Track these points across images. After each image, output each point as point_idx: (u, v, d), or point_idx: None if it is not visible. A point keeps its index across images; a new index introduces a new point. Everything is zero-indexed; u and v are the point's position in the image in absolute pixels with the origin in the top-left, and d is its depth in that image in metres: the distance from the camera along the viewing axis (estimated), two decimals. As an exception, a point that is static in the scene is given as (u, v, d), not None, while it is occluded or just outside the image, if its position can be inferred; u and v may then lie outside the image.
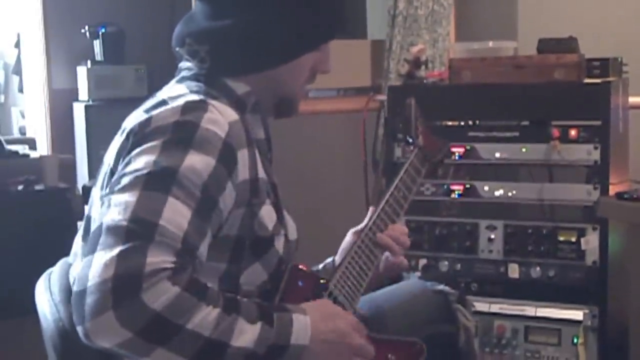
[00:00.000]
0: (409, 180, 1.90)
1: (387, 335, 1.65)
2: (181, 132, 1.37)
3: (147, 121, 1.41)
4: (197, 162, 1.35)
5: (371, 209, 1.82)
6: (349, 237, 1.81)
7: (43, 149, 3.55)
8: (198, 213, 1.33)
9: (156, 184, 1.31)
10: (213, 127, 1.39)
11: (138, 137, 1.40)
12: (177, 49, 1.57)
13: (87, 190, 3.15)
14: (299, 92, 1.61)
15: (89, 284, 1.22)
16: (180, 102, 1.43)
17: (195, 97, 1.45)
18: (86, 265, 1.25)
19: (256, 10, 1.50)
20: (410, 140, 2.00)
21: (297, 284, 1.52)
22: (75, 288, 1.25)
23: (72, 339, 1.48)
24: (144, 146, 1.36)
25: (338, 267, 1.65)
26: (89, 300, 1.22)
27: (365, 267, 1.69)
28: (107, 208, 1.31)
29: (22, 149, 3.46)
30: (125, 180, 1.33)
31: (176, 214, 1.29)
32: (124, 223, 1.26)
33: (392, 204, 1.82)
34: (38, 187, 3.15)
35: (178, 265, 1.26)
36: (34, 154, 3.42)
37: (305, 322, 1.39)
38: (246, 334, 1.30)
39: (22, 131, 4.23)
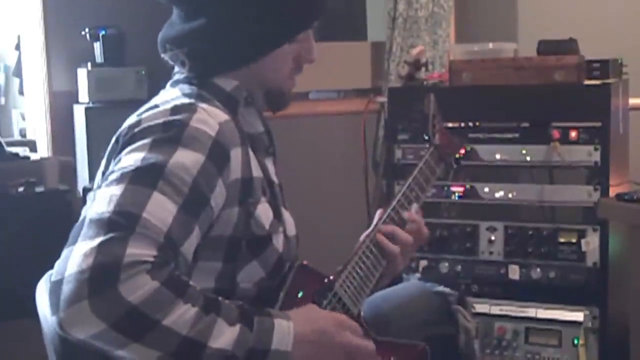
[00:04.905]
0: (423, 180, 1.89)
1: (388, 337, 1.65)
2: (170, 130, 1.38)
3: (137, 123, 1.43)
4: (186, 159, 1.35)
5: (378, 211, 1.80)
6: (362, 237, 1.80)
7: (43, 151, 3.54)
8: (184, 209, 1.32)
9: (142, 178, 1.32)
10: (202, 126, 1.40)
11: (127, 137, 1.41)
12: (162, 55, 1.59)
13: (87, 192, 3.15)
14: (285, 84, 1.61)
15: (67, 273, 1.22)
16: (170, 104, 1.45)
17: (185, 100, 1.47)
18: (66, 256, 1.25)
19: (226, 7, 1.52)
20: (427, 138, 1.97)
21: (303, 282, 1.51)
22: (52, 278, 1.24)
23: (72, 341, 1.48)
24: (134, 145, 1.38)
25: (345, 267, 1.64)
26: (65, 289, 1.21)
27: (372, 268, 1.68)
28: (92, 202, 1.32)
29: (22, 151, 3.45)
30: (112, 176, 1.33)
31: (161, 209, 1.29)
32: (107, 215, 1.26)
33: (403, 203, 1.81)
34: (38, 189, 3.14)
35: (159, 259, 1.25)
36: (34, 156, 3.42)
37: (287, 327, 1.36)
38: (224, 336, 1.28)
39: (22, 133, 4.22)
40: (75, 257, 1.23)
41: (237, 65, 1.55)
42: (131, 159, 1.35)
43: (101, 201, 1.29)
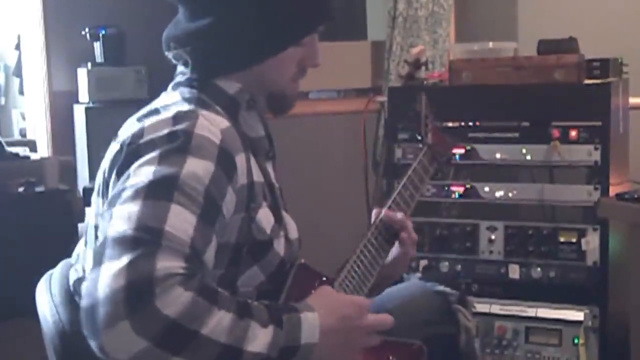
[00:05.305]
0: (417, 179, 1.89)
1: (387, 336, 1.65)
2: (176, 140, 1.37)
3: (140, 132, 1.41)
4: (197, 168, 1.34)
5: (375, 210, 1.81)
6: None
7: (43, 150, 3.54)
8: (202, 219, 1.31)
9: (158, 192, 1.30)
10: (207, 134, 1.39)
11: (132, 148, 1.39)
12: (166, 53, 1.58)
13: (87, 192, 3.15)
14: (288, 87, 1.60)
15: (100, 296, 1.19)
16: (171, 112, 1.43)
17: (186, 106, 1.45)
18: (94, 278, 1.22)
19: (232, 7, 1.50)
20: (420, 138, 1.97)
21: (303, 281, 1.51)
22: (84, 303, 1.22)
23: (71, 341, 1.48)
24: (142, 159, 1.35)
25: (344, 266, 1.64)
26: (102, 312, 1.19)
27: (370, 266, 1.69)
28: (109, 221, 1.29)
29: (22, 150, 3.46)
30: (126, 194, 1.31)
31: (181, 220, 1.28)
32: (129, 232, 1.24)
33: (399, 202, 1.82)
34: (38, 189, 3.15)
35: (188, 270, 1.24)
36: (34, 156, 3.42)
37: (313, 319, 1.37)
38: (259, 339, 1.28)
39: (22, 133, 4.23)
40: (104, 278, 1.21)
41: (241, 66, 1.53)
42: (142, 174, 1.33)
43: (120, 220, 1.27)
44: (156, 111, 1.46)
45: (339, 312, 1.42)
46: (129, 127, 1.46)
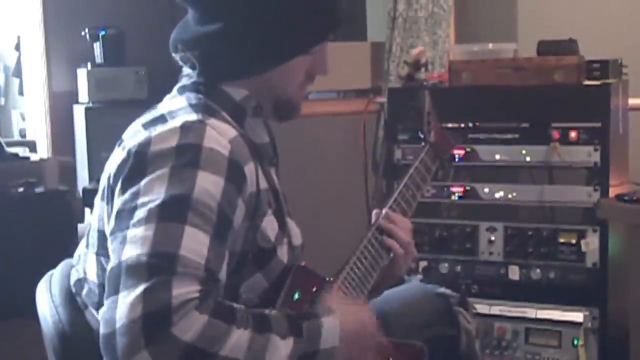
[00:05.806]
0: (419, 178, 1.88)
1: (388, 337, 1.65)
2: (185, 155, 1.35)
3: (147, 141, 1.39)
4: (208, 184, 1.33)
5: (375, 211, 1.80)
6: None
7: (43, 151, 3.54)
8: (216, 237, 1.31)
9: (171, 213, 1.29)
10: (216, 147, 1.38)
11: (139, 158, 1.37)
12: (173, 55, 1.57)
13: (87, 193, 3.15)
14: (295, 95, 1.59)
15: (118, 325, 1.20)
16: (178, 121, 1.41)
17: (193, 115, 1.43)
18: (111, 306, 1.23)
19: (243, 14, 1.48)
20: (422, 136, 1.96)
21: (302, 284, 1.51)
22: (102, 331, 1.23)
23: (70, 341, 1.47)
24: (152, 175, 1.34)
25: (343, 267, 1.64)
26: (120, 342, 1.20)
27: (370, 268, 1.69)
28: (121, 244, 1.29)
29: (22, 151, 3.45)
30: (139, 214, 1.30)
31: (195, 242, 1.28)
32: (144, 259, 1.24)
33: (400, 202, 1.81)
34: (38, 190, 3.14)
35: (203, 292, 1.24)
36: (34, 157, 3.42)
37: (334, 324, 1.39)
38: (280, 351, 1.29)
39: (22, 134, 4.22)
40: (122, 307, 1.21)
41: (249, 73, 1.52)
42: (153, 192, 1.31)
43: (134, 244, 1.27)
44: (162, 118, 1.44)
45: (356, 315, 1.45)
46: (134, 134, 1.44)
